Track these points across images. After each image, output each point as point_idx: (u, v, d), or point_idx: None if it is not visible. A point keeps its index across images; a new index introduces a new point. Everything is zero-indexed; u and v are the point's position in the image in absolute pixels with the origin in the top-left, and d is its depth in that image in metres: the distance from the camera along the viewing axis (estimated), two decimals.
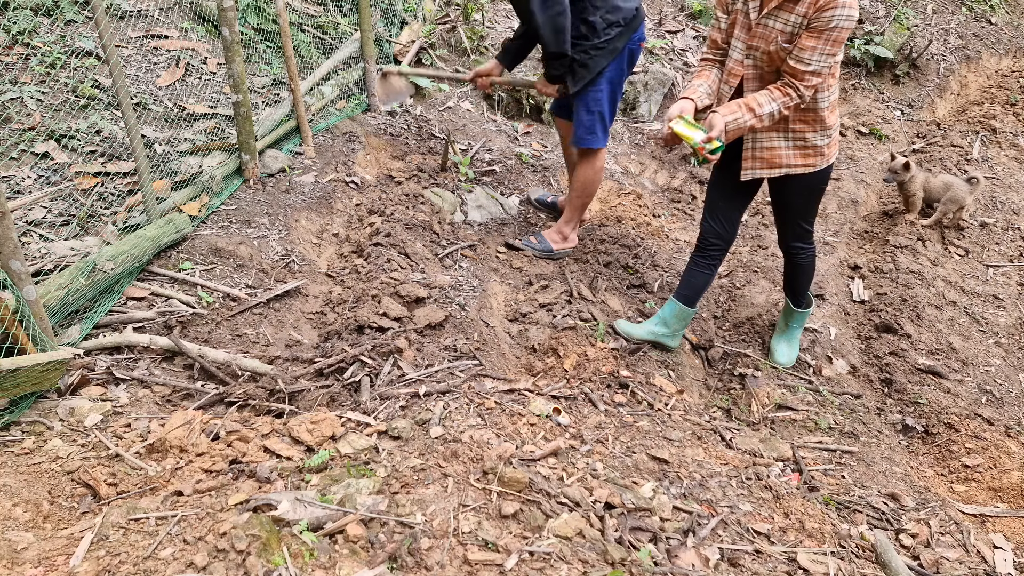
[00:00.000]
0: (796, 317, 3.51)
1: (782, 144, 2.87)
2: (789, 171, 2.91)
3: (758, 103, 2.66)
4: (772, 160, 2.90)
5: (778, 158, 2.89)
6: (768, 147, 2.89)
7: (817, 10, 2.51)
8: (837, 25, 2.50)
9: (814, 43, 2.54)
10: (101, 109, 3.81)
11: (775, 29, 2.63)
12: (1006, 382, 3.59)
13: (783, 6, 2.59)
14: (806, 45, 2.56)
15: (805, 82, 2.60)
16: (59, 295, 2.63)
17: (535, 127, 5.47)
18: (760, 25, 2.67)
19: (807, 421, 3.16)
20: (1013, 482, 2.88)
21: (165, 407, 2.55)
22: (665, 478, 2.36)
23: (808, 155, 2.89)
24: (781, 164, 2.90)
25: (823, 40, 2.53)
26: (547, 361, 3.24)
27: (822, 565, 2.05)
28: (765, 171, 2.93)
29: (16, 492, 1.97)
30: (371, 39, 4.84)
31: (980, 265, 4.42)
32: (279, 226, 3.66)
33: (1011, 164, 5.38)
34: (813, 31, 2.53)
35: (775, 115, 2.69)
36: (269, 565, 1.63)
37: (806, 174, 2.93)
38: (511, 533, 1.85)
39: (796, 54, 2.58)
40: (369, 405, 2.51)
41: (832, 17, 2.49)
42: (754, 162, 2.93)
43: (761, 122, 2.70)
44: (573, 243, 4.15)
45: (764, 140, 2.88)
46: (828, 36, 2.52)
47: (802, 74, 2.59)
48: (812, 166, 2.91)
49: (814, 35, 2.54)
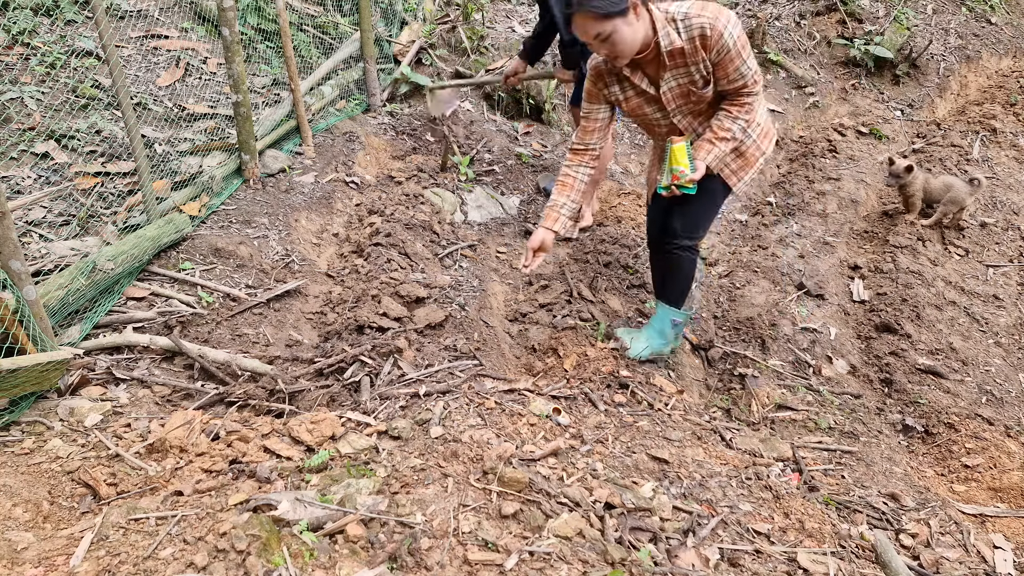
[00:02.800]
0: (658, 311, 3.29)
1: (748, 142, 2.91)
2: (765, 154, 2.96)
3: (724, 128, 2.72)
4: (750, 161, 2.95)
5: (752, 156, 2.93)
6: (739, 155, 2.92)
7: (710, 50, 2.57)
8: (735, 41, 2.56)
9: (736, 63, 2.60)
10: (101, 109, 3.81)
11: (683, 85, 2.69)
12: (1006, 382, 3.59)
13: (674, 67, 2.64)
14: (729, 69, 2.61)
15: (753, 85, 2.68)
16: (59, 295, 2.63)
17: (535, 127, 5.47)
18: (665, 92, 2.72)
19: (807, 421, 3.16)
20: (1013, 482, 2.88)
21: (165, 407, 2.55)
22: (665, 478, 2.36)
23: (767, 132, 2.93)
24: (757, 157, 2.95)
25: (738, 55, 2.59)
26: (547, 361, 3.24)
27: (822, 565, 2.05)
28: (752, 172, 2.98)
29: (16, 492, 1.97)
30: (371, 39, 4.84)
31: (980, 265, 4.42)
32: (279, 226, 3.66)
33: (1011, 164, 5.38)
34: (725, 59, 2.59)
35: (745, 127, 2.77)
36: (269, 565, 1.63)
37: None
38: (511, 533, 1.85)
39: (728, 79, 2.65)
40: (369, 405, 2.51)
41: (725, 41, 2.54)
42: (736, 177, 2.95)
43: (738, 140, 2.80)
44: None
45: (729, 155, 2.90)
46: (737, 51, 2.58)
47: (746, 84, 2.67)
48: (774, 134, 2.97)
49: (728, 59, 2.59)
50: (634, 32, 2.51)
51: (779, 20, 6.83)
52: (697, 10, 2.55)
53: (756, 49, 6.35)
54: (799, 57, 6.63)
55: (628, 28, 2.48)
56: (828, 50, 6.76)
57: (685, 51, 2.59)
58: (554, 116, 5.55)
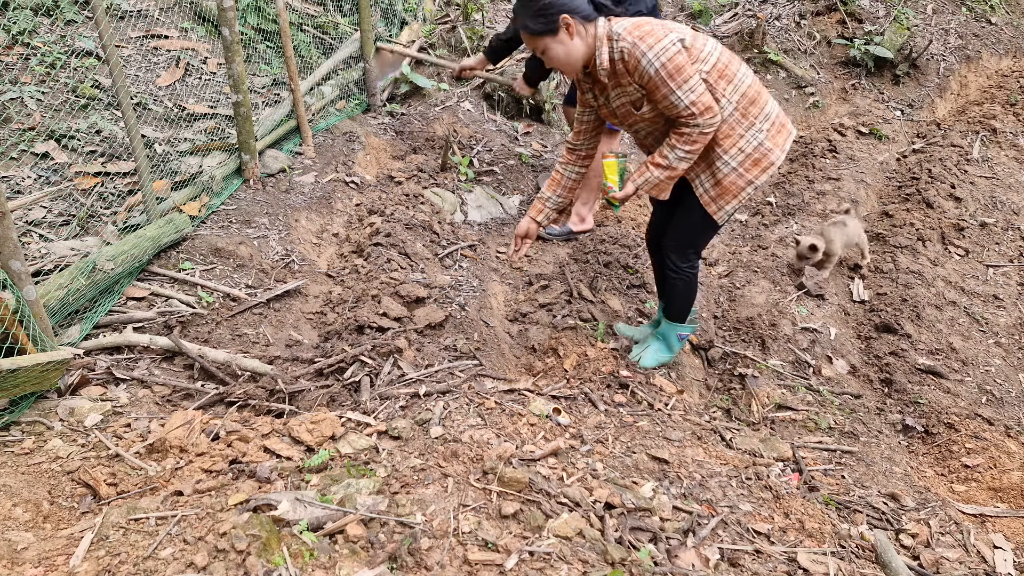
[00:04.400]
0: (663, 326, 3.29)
1: (726, 170, 2.73)
2: (754, 183, 2.75)
3: (662, 155, 2.67)
4: (730, 190, 2.76)
5: (733, 185, 2.74)
6: (714, 183, 2.76)
7: (631, 73, 2.56)
8: (657, 70, 2.49)
9: (664, 91, 2.53)
10: (101, 109, 3.81)
11: (625, 104, 2.70)
12: (1006, 382, 3.58)
13: (616, 85, 2.66)
14: (659, 97, 2.56)
15: (692, 117, 2.55)
16: (59, 295, 2.63)
17: (535, 127, 5.47)
18: (617, 107, 2.74)
19: (807, 421, 3.16)
20: (1013, 482, 2.88)
21: (165, 407, 2.55)
22: (665, 478, 2.36)
23: (759, 160, 2.71)
24: (742, 186, 2.75)
25: (664, 83, 2.51)
26: (547, 361, 3.24)
27: (822, 565, 2.05)
28: (734, 202, 2.79)
29: (16, 492, 1.97)
30: (371, 39, 4.84)
31: (980, 265, 4.42)
32: (279, 226, 3.66)
33: (1011, 164, 5.38)
34: (650, 85, 2.55)
35: (685, 158, 2.64)
36: (269, 565, 1.63)
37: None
38: (511, 533, 1.85)
39: (663, 106, 2.58)
40: (369, 405, 2.51)
41: (644, 68, 2.50)
42: (715, 204, 2.80)
43: (674, 170, 2.68)
44: (590, 224, 4.30)
45: (707, 180, 2.77)
46: (663, 78, 2.50)
47: (682, 114, 2.56)
48: (771, 164, 2.73)
49: (654, 86, 2.54)
50: (567, 50, 2.56)
51: (779, 20, 6.83)
52: (629, 31, 2.52)
53: (756, 49, 6.36)
54: (799, 57, 6.63)
55: (560, 47, 2.55)
56: (828, 50, 6.76)
57: (617, 71, 2.59)
58: (554, 116, 5.55)
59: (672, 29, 2.56)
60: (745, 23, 6.52)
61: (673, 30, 2.56)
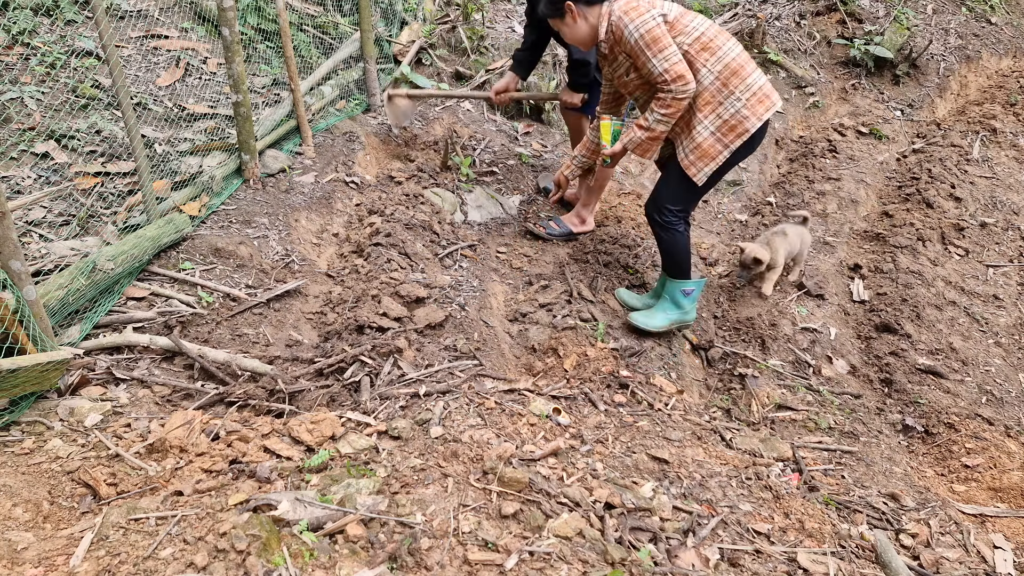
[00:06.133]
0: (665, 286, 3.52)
1: (705, 134, 3.04)
2: (731, 147, 3.04)
3: (644, 118, 3.09)
4: (708, 152, 3.06)
5: (712, 148, 3.05)
6: (694, 147, 3.08)
7: (619, 43, 3.01)
8: (636, 40, 2.92)
9: (642, 59, 2.95)
10: (101, 109, 3.81)
11: (618, 74, 3.17)
12: (1006, 382, 3.59)
13: (608, 58, 3.15)
14: (640, 65, 2.98)
15: (665, 83, 2.93)
16: (59, 295, 2.63)
17: (535, 127, 5.47)
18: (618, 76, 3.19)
19: (807, 421, 3.16)
20: (1013, 482, 2.88)
21: (165, 407, 2.55)
22: (665, 478, 2.36)
23: (735, 126, 3.00)
24: (720, 150, 3.05)
25: (642, 52, 2.93)
26: (547, 361, 3.24)
27: (822, 565, 2.05)
28: (712, 164, 3.08)
29: (16, 492, 1.97)
30: (371, 39, 4.84)
31: (980, 265, 4.42)
32: (279, 226, 3.66)
33: (1011, 164, 5.38)
34: (633, 54, 2.98)
35: (662, 120, 3.02)
36: (269, 565, 1.63)
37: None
38: (511, 533, 1.85)
39: (643, 73, 3.00)
40: (369, 405, 2.51)
41: (627, 37, 2.94)
42: (695, 168, 3.11)
43: (653, 131, 3.07)
44: (590, 226, 4.29)
45: (688, 144, 3.10)
46: (642, 47, 2.92)
47: (657, 80, 2.95)
48: (746, 131, 3.01)
49: (635, 55, 2.96)
50: (572, 30, 3.13)
51: (779, 20, 6.83)
52: (621, 8, 2.96)
53: (756, 49, 6.36)
54: (799, 57, 6.63)
55: (567, 28, 3.14)
56: (828, 50, 6.76)
57: (612, 43, 3.04)
58: (554, 116, 5.55)
59: (656, 6, 2.97)
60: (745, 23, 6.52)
61: (657, 7, 2.97)
